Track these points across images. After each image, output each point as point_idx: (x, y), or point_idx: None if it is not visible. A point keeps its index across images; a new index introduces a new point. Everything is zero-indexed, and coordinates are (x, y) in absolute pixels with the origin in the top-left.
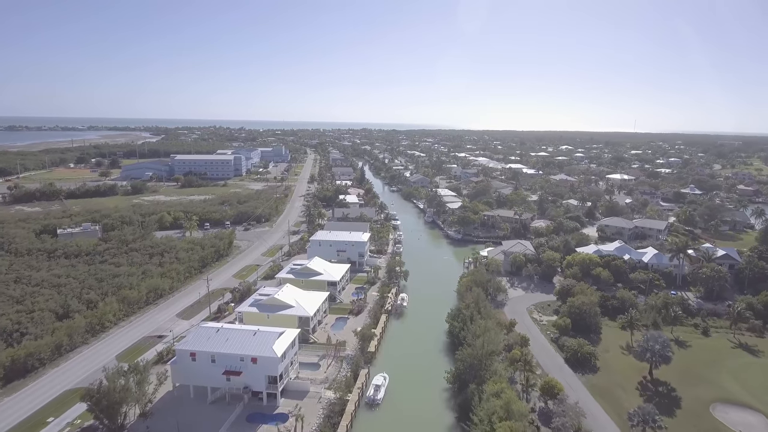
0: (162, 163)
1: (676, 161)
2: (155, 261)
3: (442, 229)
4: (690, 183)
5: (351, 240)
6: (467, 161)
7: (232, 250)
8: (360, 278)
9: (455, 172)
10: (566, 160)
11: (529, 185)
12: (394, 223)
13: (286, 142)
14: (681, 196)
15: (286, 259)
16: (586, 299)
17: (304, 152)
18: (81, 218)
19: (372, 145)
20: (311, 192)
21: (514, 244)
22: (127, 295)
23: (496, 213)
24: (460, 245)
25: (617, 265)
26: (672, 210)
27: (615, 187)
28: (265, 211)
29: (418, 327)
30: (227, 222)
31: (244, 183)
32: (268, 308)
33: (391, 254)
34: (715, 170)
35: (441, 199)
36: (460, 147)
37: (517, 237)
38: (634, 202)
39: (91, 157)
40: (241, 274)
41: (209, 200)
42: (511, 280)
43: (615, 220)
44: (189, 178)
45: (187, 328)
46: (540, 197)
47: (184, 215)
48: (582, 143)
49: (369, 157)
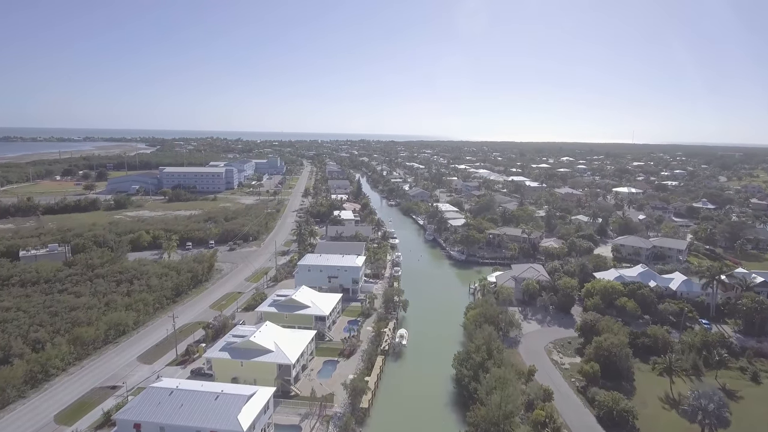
0: (150, 176)
1: (682, 173)
2: (123, 289)
3: (444, 248)
4: (702, 197)
5: (344, 265)
6: (468, 173)
7: (213, 275)
8: (353, 309)
9: (456, 185)
10: (569, 172)
11: (533, 199)
12: (392, 242)
13: (283, 153)
14: (694, 211)
15: (272, 285)
16: (615, 339)
17: (300, 164)
18: (50, 238)
19: (370, 157)
20: (305, 207)
21: (525, 269)
22: (81, 334)
23: (502, 231)
24: (463, 267)
25: (643, 295)
26: (687, 226)
27: (624, 202)
28: (253, 229)
29: (419, 373)
30: (211, 241)
31: (235, 197)
32: (242, 353)
33: (388, 278)
34: (722, 183)
35: (442, 215)
36: (459, 159)
37: (526, 257)
38: (648, 219)
39: (79, 169)
40: (220, 303)
41: (195, 216)
42: (524, 310)
43: (631, 239)
44: (177, 191)
45: (147, 375)
46: (547, 213)
47: (164, 234)
48: (582, 155)
49: (367, 169)
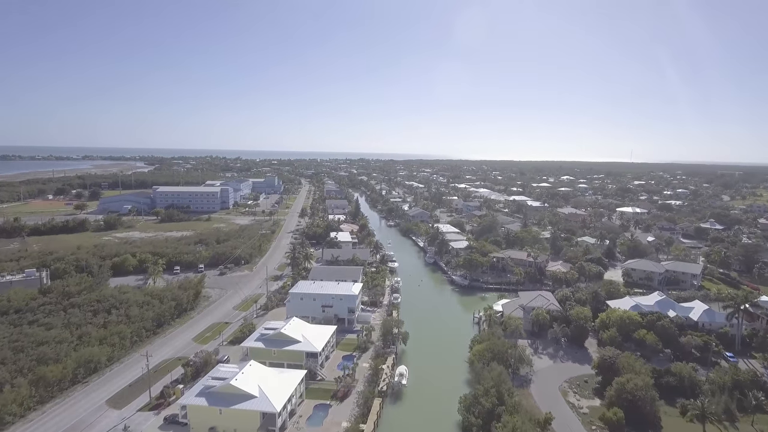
0: (143, 196)
1: (684, 192)
2: (99, 320)
3: (445, 272)
4: (709, 217)
5: (339, 293)
6: (468, 193)
7: (200, 302)
8: (349, 342)
9: (456, 205)
10: (570, 191)
11: (535, 219)
12: (391, 265)
13: (281, 172)
14: (702, 232)
15: (263, 314)
16: (639, 380)
17: (298, 183)
18: (29, 262)
19: (369, 176)
20: (301, 227)
21: (534, 297)
22: (45, 373)
23: (506, 255)
24: (466, 293)
25: (663, 327)
26: (698, 248)
27: (630, 222)
28: (246, 252)
29: (421, 418)
30: (201, 265)
31: (230, 217)
32: (222, 399)
33: (387, 306)
34: (726, 202)
35: (443, 238)
36: (459, 178)
37: (532, 283)
38: (657, 241)
39: (73, 188)
40: (204, 336)
41: (186, 238)
42: (534, 343)
43: (642, 263)
44: (169, 212)
45: (115, 423)
46: (552, 235)
47: (151, 258)
48: (582, 174)
49: (365, 188)
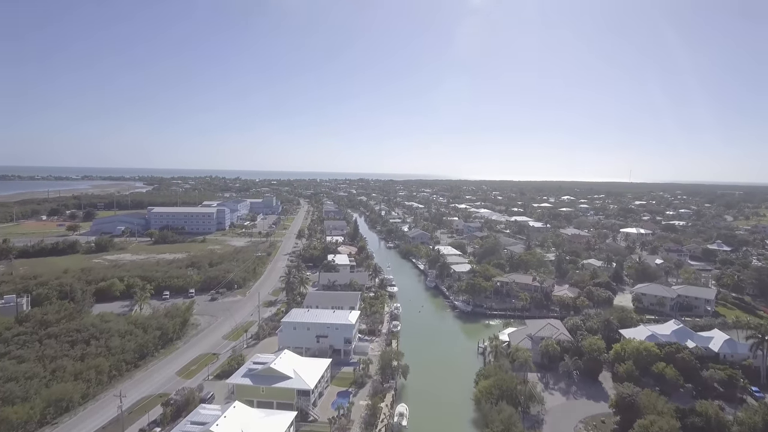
0: (138, 216)
1: (687, 213)
2: (76, 352)
3: (447, 297)
4: (716, 238)
5: (335, 322)
6: (468, 213)
7: (187, 330)
8: (345, 376)
9: (457, 226)
10: (572, 211)
11: (538, 240)
12: (390, 290)
13: (280, 192)
14: (710, 253)
15: (254, 344)
16: (663, 423)
17: (297, 203)
18: (10, 287)
19: (368, 196)
20: (298, 249)
21: (543, 326)
22: (9, 415)
23: (511, 279)
24: (470, 320)
25: (684, 359)
26: (707, 271)
27: (636, 244)
28: (239, 275)
29: None
30: (191, 290)
31: (226, 238)
32: None
33: (386, 335)
34: (729, 222)
35: (444, 260)
36: (459, 198)
37: (538, 308)
38: (666, 263)
39: (68, 209)
40: (189, 369)
41: (178, 260)
42: (544, 377)
43: (652, 288)
44: (163, 233)
45: None
46: (557, 257)
47: (139, 282)
48: (583, 193)
49: (365, 209)
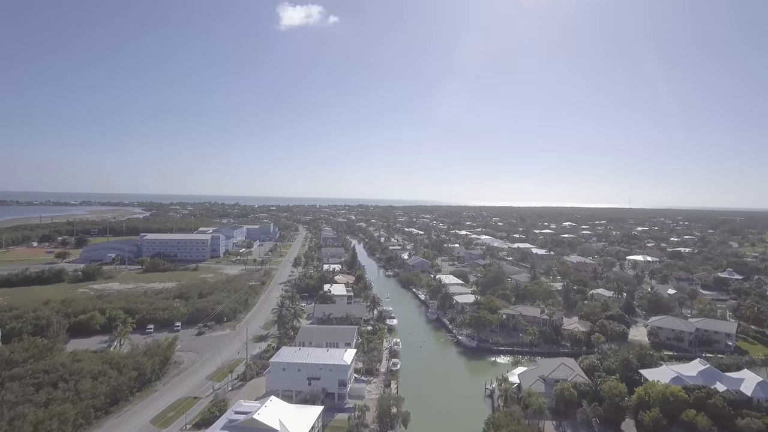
0: (130, 243)
1: (692, 239)
2: (41, 397)
3: (450, 331)
4: (726, 266)
5: (328, 363)
6: (469, 240)
7: (168, 370)
8: (338, 424)
9: (458, 253)
10: (575, 238)
11: (543, 268)
12: (389, 323)
13: (279, 218)
14: (722, 282)
15: (240, 385)
16: None
17: (295, 229)
18: None
19: (368, 222)
20: (294, 278)
21: (556, 367)
22: None
23: (517, 311)
24: (475, 356)
25: (716, 405)
26: (722, 301)
27: (645, 272)
28: (230, 307)
29: None
30: (177, 324)
31: (220, 266)
32: None
33: (384, 374)
34: (736, 249)
35: (447, 291)
36: (459, 224)
37: (548, 343)
38: (679, 294)
39: (60, 235)
40: (166, 416)
41: (166, 290)
42: (561, 425)
43: (668, 321)
44: (154, 260)
45: None
46: (565, 288)
47: (122, 315)
48: (584, 219)
49: (364, 235)
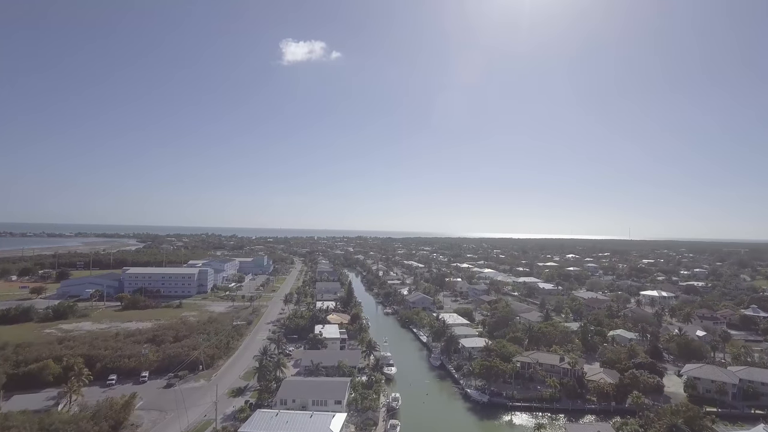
0: (111, 278)
1: (702, 272)
2: None
3: (457, 381)
4: (749, 302)
5: None
6: (472, 273)
7: None
8: None
9: (461, 288)
10: (581, 271)
11: (552, 305)
12: (387, 371)
13: (275, 250)
14: (749, 321)
15: None
16: None
17: (291, 262)
18: None
19: (366, 254)
20: (284, 316)
21: None
22: None
23: (534, 359)
24: (487, 414)
25: None
26: (757, 342)
27: (665, 309)
28: (207, 352)
29: None
30: (144, 373)
31: (206, 303)
32: None
33: None
34: (751, 283)
35: (452, 332)
36: (460, 257)
37: (571, 397)
38: (711, 336)
39: (43, 268)
40: None
41: (140, 332)
42: None
43: (708, 370)
44: (134, 297)
45: None
46: (582, 329)
47: (80, 364)
48: (586, 251)
49: (362, 268)
